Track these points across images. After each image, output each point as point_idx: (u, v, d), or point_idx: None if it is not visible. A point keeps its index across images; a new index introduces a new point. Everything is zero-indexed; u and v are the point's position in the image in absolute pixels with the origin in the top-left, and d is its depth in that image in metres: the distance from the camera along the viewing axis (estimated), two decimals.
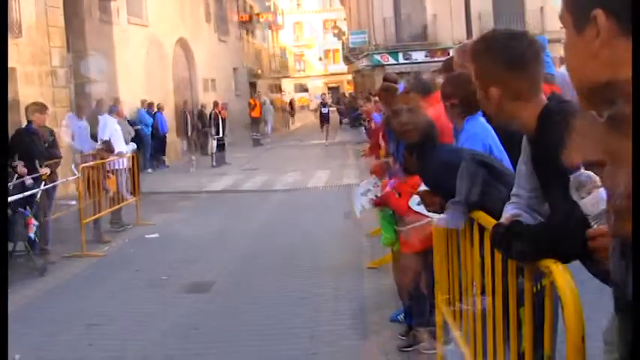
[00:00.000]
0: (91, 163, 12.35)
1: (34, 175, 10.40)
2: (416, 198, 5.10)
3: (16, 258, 9.61)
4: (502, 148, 4.49)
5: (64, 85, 18.86)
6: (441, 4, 38.54)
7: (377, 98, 11.30)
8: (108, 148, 13.00)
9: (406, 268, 6.47)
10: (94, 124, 13.74)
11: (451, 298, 4.87)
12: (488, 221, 3.46)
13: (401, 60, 39.74)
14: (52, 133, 11.15)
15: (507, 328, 3.37)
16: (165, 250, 11.53)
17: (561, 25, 1.56)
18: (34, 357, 6.97)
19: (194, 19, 31.68)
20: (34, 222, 9.91)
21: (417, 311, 6.44)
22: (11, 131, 10.53)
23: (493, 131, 4.56)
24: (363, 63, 44.52)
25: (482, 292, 3.72)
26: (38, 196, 10.12)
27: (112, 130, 13.85)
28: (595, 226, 2.19)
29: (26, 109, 11.15)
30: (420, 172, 4.67)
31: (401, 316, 7.10)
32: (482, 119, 4.64)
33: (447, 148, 4.48)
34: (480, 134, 4.51)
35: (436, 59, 32.57)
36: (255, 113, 35.01)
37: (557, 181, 2.73)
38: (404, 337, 6.63)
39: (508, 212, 3.26)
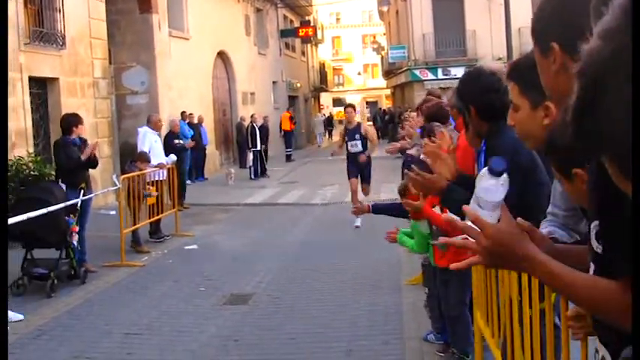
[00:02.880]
0: (131, 174, 12.48)
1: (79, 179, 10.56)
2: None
3: (61, 265, 9.75)
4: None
5: (106, 96, 19.11)
6: (480, 20, 38.44)
7: (415, 114, 11.26)
8: (144, 159, 13.13)
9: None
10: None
11: (489, 314, 4.86)
12: None
13: (440, 75, 39.65)
14: (85, 142, 11.15)
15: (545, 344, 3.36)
16: (204, 262, 11.61)
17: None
18: None
19: (234, 32, 31.91)
20: (77, 230, 10.07)
21: (459, 334, 6.35)
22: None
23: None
24: (402, 78, 44.53)
25: (520, 308, 3.70)
26: (78, 205, 10.25)
27: (152, 142, 14.00)
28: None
29: (63, 120, 11.23)
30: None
31: (430, 336, 7.07)
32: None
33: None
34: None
35: None
36: (286, 126, 34.98)
37: None
38: (442, 354, 6.61)
39: (543, 230, 3.24)
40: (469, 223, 2.02)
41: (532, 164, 4.03)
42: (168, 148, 17.15)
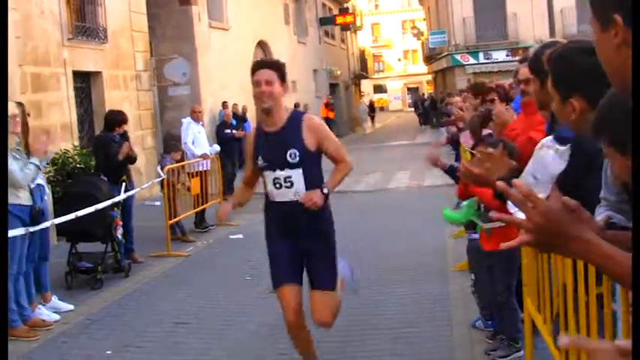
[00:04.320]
0: (175, 165, 12.57)
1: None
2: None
3: (107, 258, 9.84)
4: None
5: (148, 89, 19.23)
6: (521, 2, 38.01)
7: (459, 98, 11.16)
8: (177, 149, 13.26)
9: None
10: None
11: (540, 301, 4.79)
12: None
13: (481, 60, 39.36)
14: (126, 137, 11.15)
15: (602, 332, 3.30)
16: (250, 251, 11.61)
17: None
18: (125, 353, 7.12)
19: (273, 21, 31.93)
20: (121, 224, 10.15)
21: (507, 321, 6.28)
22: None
23: None
24: (443, 63, 44.22)
25: (575, 294, 3.64)
26: (121, 198, 10.32)
27: (195, 132, 14.06)
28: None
29: (108, 117, 11.27)
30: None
31: (479, 323, 7.01)
32: None
33: None
34: None
35: (517, 58, 32.11)
36: (324, 114, 34.80)
37: None
38: (491, 341, 6.55)
39: (601, 215, 3.17)
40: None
41: (595, 150, 3.97)
42: (221, 138, 17.54)
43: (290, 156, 5.49)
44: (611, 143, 2.32)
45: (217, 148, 14.67)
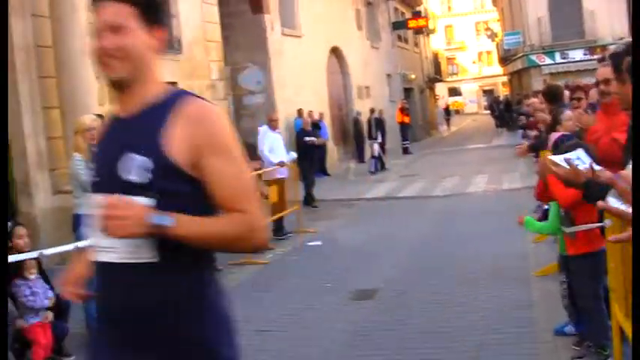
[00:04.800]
0: (252, 174, 12.67)
1: None
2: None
3: None
4: None
5: (223, 98, 19.42)
6: None
7: (537, 99, 10.96)
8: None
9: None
10: None
11: (629, 307, 4.65)
12: None
13: (558, 59, 38.66)
14: None
15: None
16: (328, 258, 11.63)
17: None
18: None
19: (346, 27, 31.95)
20: None
21: (595, 327, 6.10)
22: None
23: None
24: (518, 64, 43.62)
25: None
26: None
27: (272, 140, 14.15)
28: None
29: None
30: None
31: (568, 329, 6.81)
32: None
33: None
34: None
35: (596, 57, 31.44)
36: (399, 118, 34.54)
37: None
38: (577, 348, 6.37)
39: None
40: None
41: None
42: (301, 145, 17.75)
43: (125, 168, 2.58)
44: None
45: (294, 155, 14.74)
